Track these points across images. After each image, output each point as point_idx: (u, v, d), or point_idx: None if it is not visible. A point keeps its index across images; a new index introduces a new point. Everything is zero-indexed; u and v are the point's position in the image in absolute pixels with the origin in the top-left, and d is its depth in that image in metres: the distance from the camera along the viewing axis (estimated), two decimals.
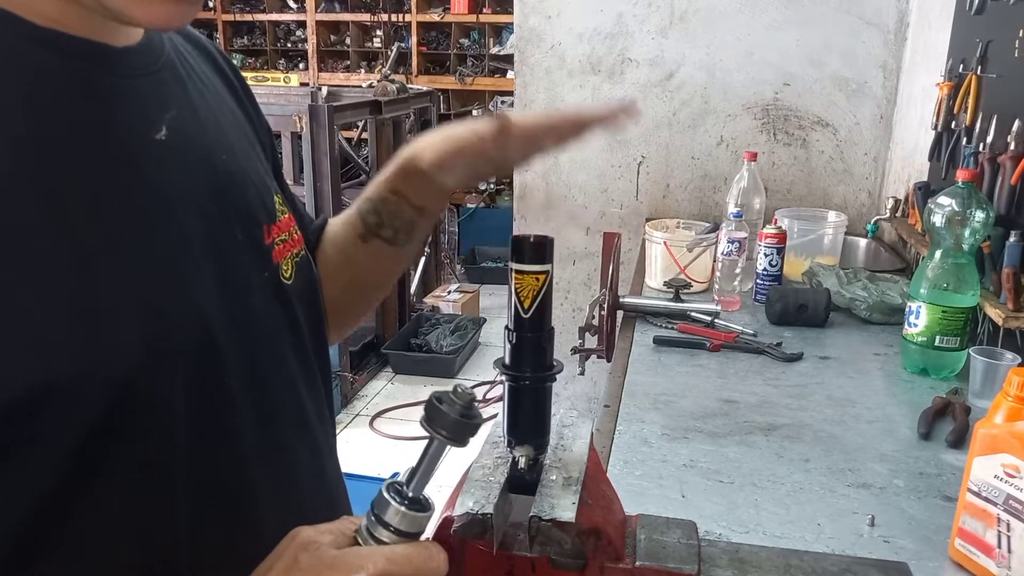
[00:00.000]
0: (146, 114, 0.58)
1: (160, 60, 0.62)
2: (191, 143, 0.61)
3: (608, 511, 0.72)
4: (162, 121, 0.59)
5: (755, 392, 1.48)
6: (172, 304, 0.56)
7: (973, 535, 0.94)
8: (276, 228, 0.69)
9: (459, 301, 4.98)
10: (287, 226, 0.71)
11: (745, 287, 2.00)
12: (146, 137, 0.58)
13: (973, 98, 1.83)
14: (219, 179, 0.63)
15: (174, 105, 0.61)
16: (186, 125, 0.61)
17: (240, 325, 0.62)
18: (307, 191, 3.74)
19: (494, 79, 6.66)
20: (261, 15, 7.16)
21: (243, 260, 0.63)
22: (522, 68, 2.78)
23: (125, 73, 0.58)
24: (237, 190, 0.65)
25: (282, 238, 0.69)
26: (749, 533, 1.06)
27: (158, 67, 0.61)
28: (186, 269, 0.58)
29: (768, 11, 2.54)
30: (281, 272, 0.68)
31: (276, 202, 0.70)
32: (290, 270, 0.69)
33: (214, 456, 0.60)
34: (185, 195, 0.59)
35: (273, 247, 0.67)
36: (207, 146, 0.63)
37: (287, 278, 0.69)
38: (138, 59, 0.59)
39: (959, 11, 2.00)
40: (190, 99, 0.64)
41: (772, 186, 2.62)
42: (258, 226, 0.66)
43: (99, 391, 0.50)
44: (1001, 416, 0.92)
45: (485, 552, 0.69)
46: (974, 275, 1.48)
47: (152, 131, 0.58)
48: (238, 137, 0.70)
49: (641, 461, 1.23)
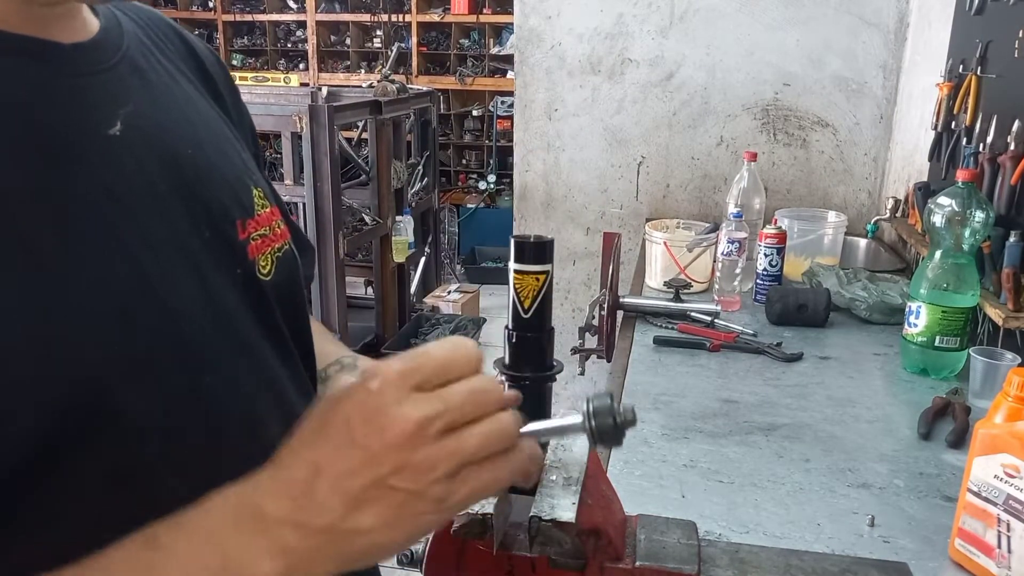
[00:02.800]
0: (97, 111, 0.56)
1: (117, 55, 0.60)
2: (150, 138, 0.59)
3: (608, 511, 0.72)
4: (116, 116, 0.57)
5: (755, 392, 1.48)
6: (136, 304, 0.54)
7: (973, 535, 0.94)
8: (253, 223, 0.66)
9: (459, 301, 4.98)
10: (267, 220, 0.68)
11: (745, 287, 2.00)
12: (97, 134, 0.55)
13: (973, 98, 1.83)
14: (183, 174, 0.60)
15: (131, 100, 0.59)
16: (144, 120, 0.59)
17: (213, 324, 0.59)
18: (307, 191, 3.74)
19: (494, 79, 6.66)
20: (261, 15, 7.17)
21: (211, 257, 0.61)
22: (522, 68, 2.78)
23: (74, 71, 0.56)
24: (204, 184, 0.62)
25: (260, 233, 0.66)
26: (749, 533, 1.06)
27: (114, 62, 0.59)
28: (148, 267, 0.55)
29: (768, 11, 2.54)
30: (258, 268, 0.65)
31: (255, 195, 0.68)
32: (269, 265, 0.67)
33: (195, 462, 0.57)
34: (143, 191, 0.57)
35: (248, 242, 0.65)
36: (170, 141, 0.61)
37: (264, 274, 0.66)
38: (90, 55, 0.57)
39: (959, 11, 2.00)
40: (152, 94, 0.62)
41: (772, 186, 2.62)
42: (230, 222, 0.64)
43: (60, 398, 0.48)
44: (1001, 416, 0.92)
45: (485, 552, 0.69)
46: (974, 275, 1.48)
47: (104, 127, 0.56)
48: (209, 132, 0.67)
49: (641, 461, 1.23)
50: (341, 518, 0.46)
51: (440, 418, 0.46)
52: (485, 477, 0.48)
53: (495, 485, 0.49)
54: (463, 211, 6.66)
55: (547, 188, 2.86)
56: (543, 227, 2.87)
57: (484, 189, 6.73)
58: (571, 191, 2.84)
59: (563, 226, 2.87)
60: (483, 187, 6.73)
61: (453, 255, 6.46)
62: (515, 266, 0.66)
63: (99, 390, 0.50)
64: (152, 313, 0.55)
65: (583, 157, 2.80)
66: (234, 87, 0.78)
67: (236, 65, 7.15)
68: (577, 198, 2.84)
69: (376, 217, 4.35)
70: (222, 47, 7.17)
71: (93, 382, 0.50)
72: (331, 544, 0.47)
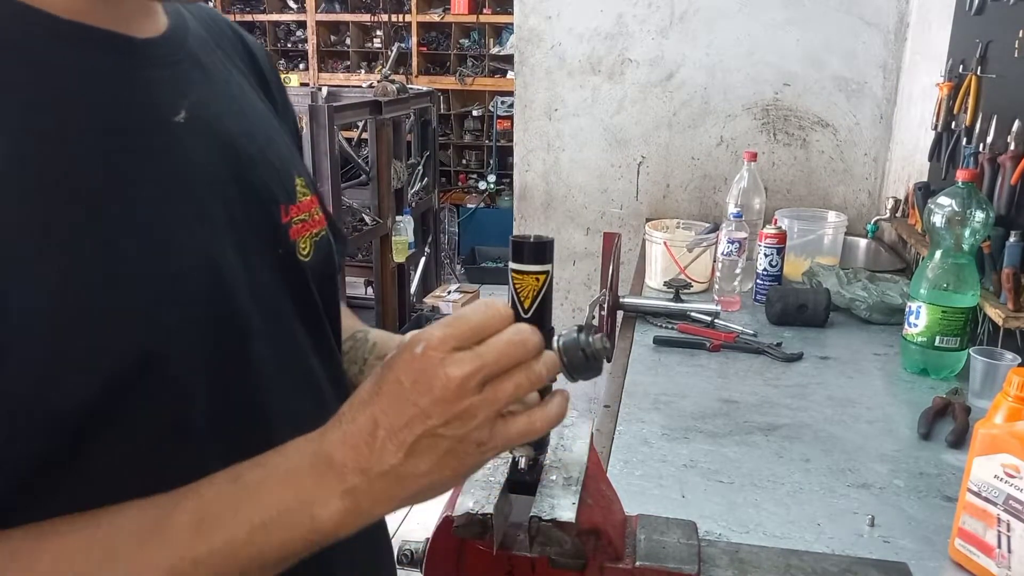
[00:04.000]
0: (165, 99, 0.61)
1: (181, 51, 0.65)
2: (210, 126, 0.64)
3: (608, 511, 0.72)
4: (181, 105, 0.61)
5: (755, 392, 1.48)
6: (196, 275, 0.59)
7: (973, 535, 0.94)
8: (295, 208, 0.71)
9: (459, 301, 4.98)
10: (308, 207, 0.73)
11: (745, 287, 2.00)
12: (166, 120, 0.60)
13: (973, 98, 1.83)
14: (238, 160, 0.65)
15: (194, 92, 0.64)
16: (205, 110, 0.64)
17: (257, 298, 0.64)
18: None
19: (494, 79, 6.66)
20: (261, 15, 7.17)
21: (257, 237, 0.66)
22: (522, 68, 2.78)
23: (146, 63, 0.60)
24: (255, 171, 0.67)
25: (300, 218, 0.72)
26: (749, 533, 1.06)
27: (180, 57, 0.64)
28: (207, 244, 0.60)
29: (768, 11, 2.54)
30: (298, 250, 0.70)
31: (298, 184, 0.73)
32: (308, 248, 0.72)
33: (240, 425, 0.62)
34: (204, 175, 0.62)
35: (291, 226, 0.70)
36: (227, 130, 0.66)
37: (304, 255, 0.71)
38: (159, 50, 0.62)
39: (959, 11, 2.00)
40: (211, 86, 0.67)
41: (772, 186, 2.62)
42: (275, 205, 0.69)
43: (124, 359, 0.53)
44: (1001, 416, 0.92)
45: (485, 552, 0.69)
46: (974, 275, 1.48)
47: (171, 114, 0.61)
48: (260, 122, 0.72)
49: (641, 461, 1.23)
50: (399, 464, 0.53)
51: (478, 373, 0.53)
52: (521, 422, 0.56)
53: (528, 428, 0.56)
54: (463, 211, 6.65)
55: (547, 188, 2.86)
56: (543, 227, 2.87)
57: (484, 189, 6.73)
58: (571, 191, 2.84)
59: (563, 226, 2.87)
60: (483, 187, 6.73)
61: (453, 255, 6.46)
62: (515, 266, 0.66)
63: (156, 354, 0.54)
64: (208, 284, 0.59)
65: (583, 157, 2.80)
66: (282, 84, 0.84)
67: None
68: (577, 198, 2.84)
69: (376, 217, 4.35)
70: None
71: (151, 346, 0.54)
72: (390, 486, 0.54)
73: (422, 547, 0.74)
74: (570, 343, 0.61)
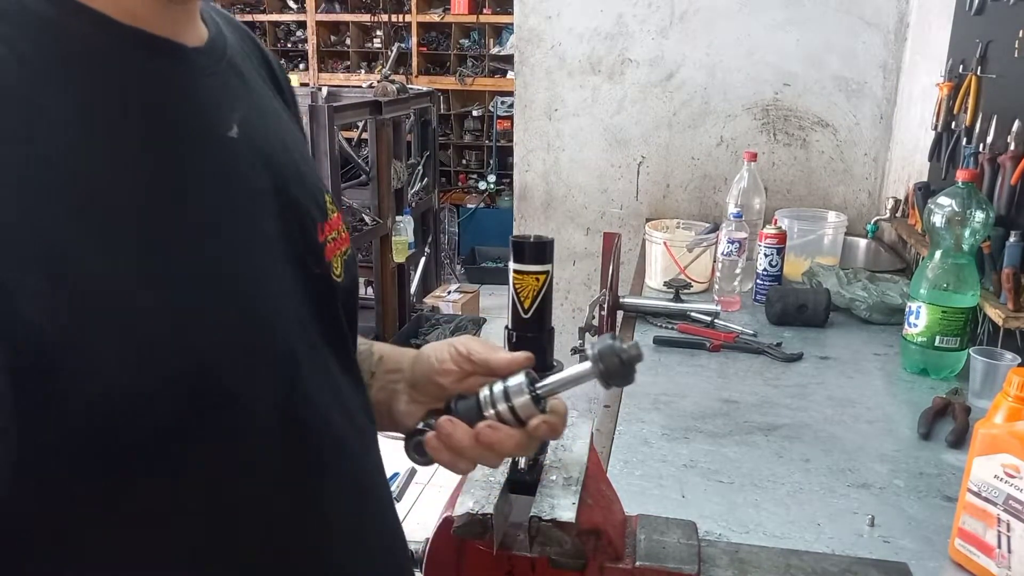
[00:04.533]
0: (220, 112, 0.60)
1: (223, 61, 0.64)
2: (257, 142, 0.63)
3: (608, 511, 0.72)
4: (232, 120, 0.61)
5: (755, 392, 1.48)
6: (257, 305, 0.58)
7: (973, 535, 0.94)
8: (328, 226, 0.70)
9: (459, 301, 4.98)
10: (337, 224, 0.72)
11: (745, 287, 2.00)
12: (221, 135, 0.60)
13: (973, 98, 1.83)
14: (281, 178, 0.64)
15: (241, 105, 0.63)
16: (251, 125, 0.63)
17: (304, 323, 0.64)
18: None
19: (494, 79, 6.66)
20: (261, 15, 7.16)
21: (299, 256, 0.65)
22: (522, 68, 2.78)
23: (199, 72, 0.60)
24: (295, 189, 0.66)
25: (332, 236, 0.70)
26: (749, 533, 1.05)
27: (223, 67, 0.63)
28: (267, 268, 0.60)
29: (768, 11, 2.54)
30: (332, 270, 0.69)
31: (327, 200, 0.72)
32: (340, 268, 0.71)
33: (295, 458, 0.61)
34: (258, 193, 0.61)
35: (325, 245, 0.69)
36: (269, 145, 0.65)
37: (337, 275, 0.70)
38: (207, 59, 0.61)
39: (959, 11, 2.00)
40: (252, 99, 0.66)
41: (772, 186, 2.62)
42: (313, 224, 0.68)
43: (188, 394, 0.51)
44: (1001, 416, 0.92)
45: (485, 552, 0.69)
46: (974, 275, 1.48)
47: (225, 129, 0.60)
48: (293, 138, 0.72)
49: (641, 461, 1.23)
50: None
51: None
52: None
53: None
54: (463, 211, 6.65)
55: (547, 188, 2.86)
56: (543, 227, 2.87)
57: (484, 189, 6.73)
58: (571, 191, 2.84)
59: (563, 226, 2.87)
60: (483, 187, 6.73)
61: (453, 255, 6.45)
62: (515, 266, 0.66)
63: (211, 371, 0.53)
64: (258, 304, 0.59)
65: (583, 157, 2.80)
66: (295, 96, 0.82)
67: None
68: (577, 198, 2.84)
69: (376, 217, 4.35)
70: None
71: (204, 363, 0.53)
72: None
73: (422, 547, 0.74)
74: (606, 350, 0.62)
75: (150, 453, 0.50)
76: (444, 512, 0.70)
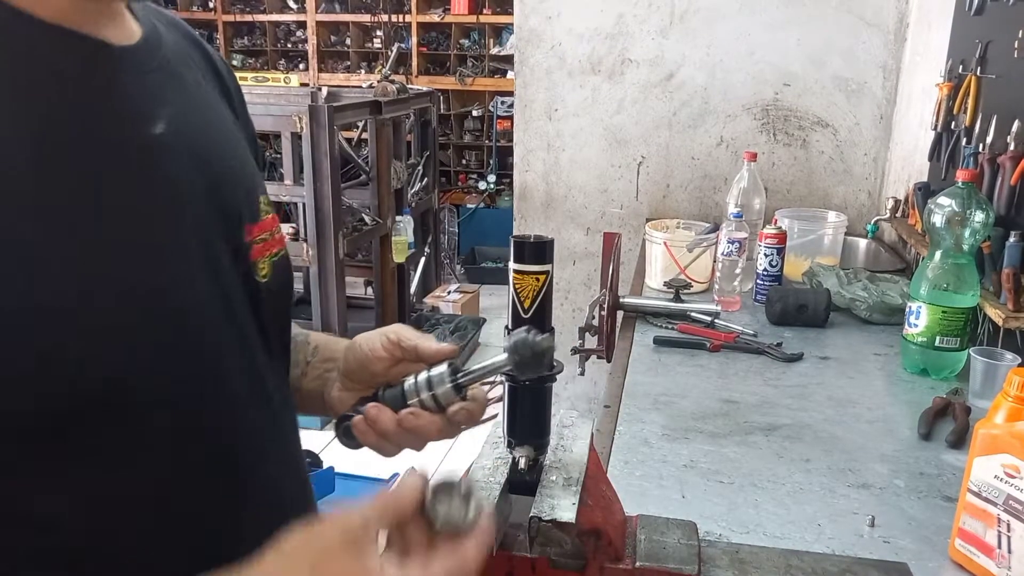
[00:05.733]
0: (144, 109, 0.60)
1: (157, 59, 0.64)
2: (186, 140, 0.63)
3: (608, 512, 0.72)
4: (159, 117, 0.61)
5: (755, 392, 1.48)
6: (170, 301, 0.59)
7: (973, 535, 0.94)
8: (258, 227, 0.71)
9: (459, 301, 4.98)
10: (269, 226, 0.73)
11: (745, 287, 2.00)
12: (145, 132, 0.59)
13: (973, 98, 1.83)
14: (211, 177, 0.65)
15: (172, 103, 0.63)
16: (182, 123, 0.63)
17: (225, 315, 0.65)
18: (307, 191, 3.74)
19: (494, 79, 6.66)
20: (261, 15, 7.17)
21: (225, 255, 0.66)
22: (522, 68, 2.78)
23: (126, 69, 0.60)
24: (226, 188, 0.67)
25: (263, 237, 0.71)
26: (749, 533, 1.05)
27: (155, 66, 0.63)
28: (181, 265, 0.60)
29: (768, 11, 2.54)
30: (256, 270, 0.70)
31: (261, 202, 0.73)
32: (266, 269, 0.72)
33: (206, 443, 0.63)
34: (180, 191, 0.61)
35: (252, 245, 0.70)
36: (201, 144, 0.65)
37: (262, 276, 0.71)
38: (136, 57, 0.61)
39: (959, 11, 2.00)
40: (186, 98, 0.66)
41: (772, 186, 2.62)
42: (240, 224, 0.69)
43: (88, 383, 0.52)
44: (1001, 416, 0.92)
45: None
46: (974, 275, 1.48)
47: (150, 126, 0.60)
48: (229, 138, 0.72)
49: (641, 461, 1.23)
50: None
51: None
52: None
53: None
54: (463, 211, 6.65)
55: (547, 188, 2.86)
56: (543, 227, 2.87)
57: (484, 189, 6.72)
58: (571, 191, 2.84)
59: (563, 226, 2.87)
60: (483, 187, 6.73)
61: (453, 255, 6.45)
62: (515, 266, 0.66)
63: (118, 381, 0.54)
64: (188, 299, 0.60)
65: (583, 157, 2.80)
66: (241, 93, 0.82)
67: (236, 65, 7.14)
68: (577, 198, 2.84)
69: (376, 217, 4.35)
70: (222, 47, 7.17)
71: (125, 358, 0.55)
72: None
73: None
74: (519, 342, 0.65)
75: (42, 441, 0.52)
76: None
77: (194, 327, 0.61)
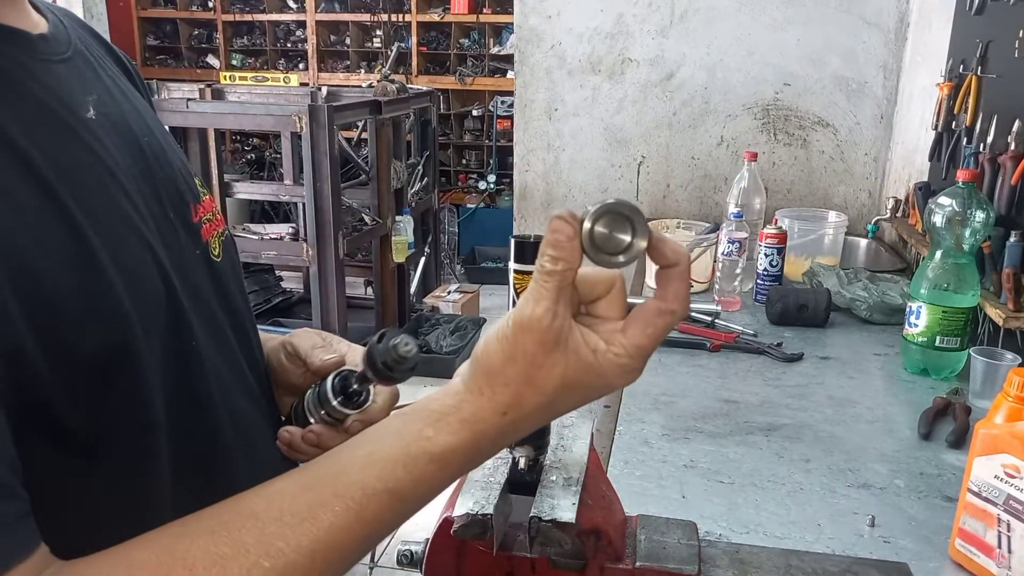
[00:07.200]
0: (73, 95, 0.60)
1: (70, 48, 0.64)
2: (116, 123, 0.63)
3: (608, 512, 0.72)
4: (87, 102, 0.61)
5: (755, 392, 1.48)
6: (146, 275, 0.59)
7: (973, 535, 0.94)
8: (201, 207, 0.71)
9: (459, 301, 4.98)
10: (210, 206, 0.74)
11: (745, 287, 2.00)
12: (79, 116, 0.60)
13: (973, 98, 1.83)
14: (146, 159, 0.65)
15: (95, 89, 0.63)
16: (108, 108, 0.64)
17: (193, 297, 0.65)
18: (307, 191, 3.74)
19: (494, 79, 6.65)
20: (261, 15, 7.16)
21: (179, 237, 0.66)
22: (522, 68, 2.78)
23: (47, 57, 0.60)
24: (163, 170, 0.67)
25: (208, 217, 0.72)
26: (749, 533, 1.05)
27: (70, 54, 0.64)
28: (146, 242, 0.60)
29: (768, 11, 2.54)
30: (210, 249, 0.71)
31: (197, 183, 0.73)
32: (218, 248, 0.73)
33: (191, 420, 0.63)
34: (121, 174, 0.61)
35: (201, 225, 0.70)
36: (130, 128, 0.66)
37: (216, 255, 0.72)
38: (52, 46, 0.61)
39: (959, 11, 2.00)
40: (105, 85, 0.66)
41: (772, 186, 2.62)
42: (186, 205, 0.69)
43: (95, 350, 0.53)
44: (1001, 416, 0.92)
45: (485, 552, 0.69)
46: (974, 275, 1.48)
47: (81, 111, 0.60)
48: (154, 123, 0.72)
49: (641, 461, 1.23)
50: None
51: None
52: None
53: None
54: (463, 211, 6.65)
55: (547, 188, 2.86)
56: (543, 227, 2.84)
57: (484, 189, 6.72)
58: (571, 191, 2.84)
59: None
60: (483, 187, 6.73)
61: (453, 255, 6.45)
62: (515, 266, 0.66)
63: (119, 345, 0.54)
64: (156, 286, 0.60)
65: (583, 157, 2.80)
66: (146, 84, 0.83)
67: (236, 65, 7.15)
68: (577, 198, 2.84)
69: (376, 217, 4.35)
70: (222, 47, 7.17)
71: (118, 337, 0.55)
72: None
73: (421, 548, 0.73)
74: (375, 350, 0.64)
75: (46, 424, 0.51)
76: (443, 513, 0.70)
77: (174, 295, 0.61)
